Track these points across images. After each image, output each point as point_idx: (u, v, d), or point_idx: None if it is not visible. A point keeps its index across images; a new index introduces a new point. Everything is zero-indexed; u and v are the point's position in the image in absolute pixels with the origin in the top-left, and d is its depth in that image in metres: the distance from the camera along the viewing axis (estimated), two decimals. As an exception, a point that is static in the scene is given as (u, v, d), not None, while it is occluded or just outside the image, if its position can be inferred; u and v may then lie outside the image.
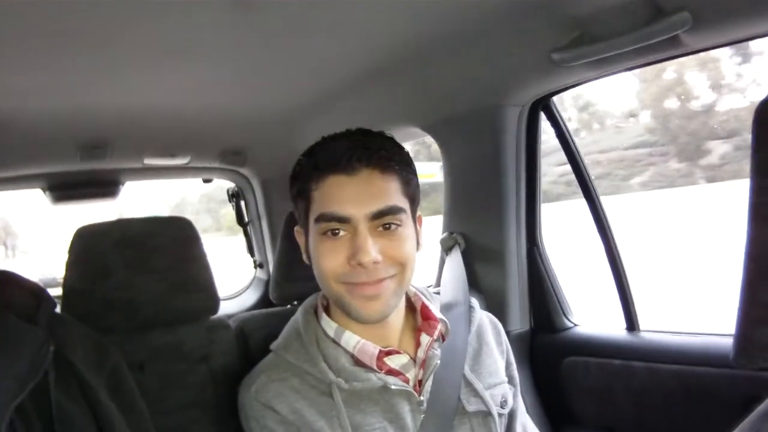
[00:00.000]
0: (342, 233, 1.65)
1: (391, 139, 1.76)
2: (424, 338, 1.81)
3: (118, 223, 2.16)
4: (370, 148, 1.68)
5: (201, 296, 2.16)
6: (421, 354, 1.79)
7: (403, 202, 1.69)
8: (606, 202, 2.47)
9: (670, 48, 1.85)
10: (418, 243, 1.76)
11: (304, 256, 1.83)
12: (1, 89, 2.32)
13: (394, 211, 1.65)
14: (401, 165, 1.71)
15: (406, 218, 1.69)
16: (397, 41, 2.23)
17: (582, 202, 2.52)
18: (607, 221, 2.46)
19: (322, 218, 1.66)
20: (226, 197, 4.38)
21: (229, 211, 4.37)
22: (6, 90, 2.34)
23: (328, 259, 1.67)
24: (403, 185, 1.71)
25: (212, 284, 2.19)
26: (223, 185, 4.30)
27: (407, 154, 1.76)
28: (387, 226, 1.65)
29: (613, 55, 1.92)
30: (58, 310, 1.78)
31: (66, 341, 1.55)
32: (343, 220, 1.63)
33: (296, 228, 1.87)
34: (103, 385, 1.60)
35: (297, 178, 1.77)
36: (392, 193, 1.67)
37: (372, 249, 1.60)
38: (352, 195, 1.64)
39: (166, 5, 1.79)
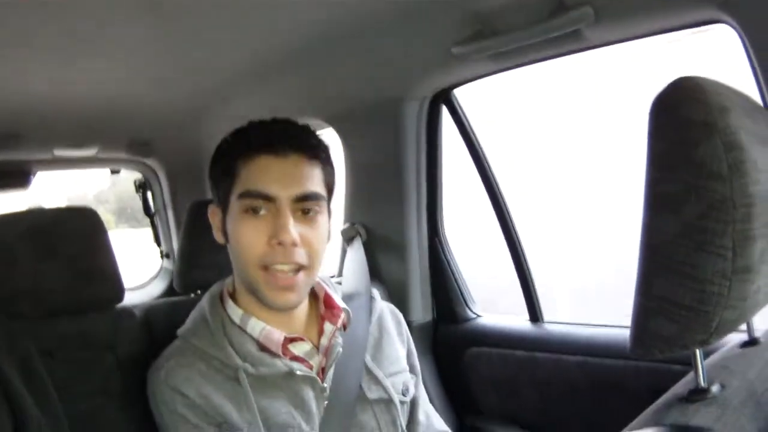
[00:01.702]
0: (263, 212, 1.67)
1: (316, 133, 1.80)
2: (328, 327, 1.83)
3: (27, 213, 2.15)
4: (301, 135, 1.74)
5: (106, 285, 2.12)
6: (324, 342, 1.81)
7: (324, 191, 1.75)
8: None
9: (573, 42, 1.88)
10: (329, 234, 1.79)
11: (218, 235, 1.83)
12: None
13: (315, 197, 1.70)
14: (325, 155, 1.78)
15: (324, 207, 1.75)
16: (299, 32, 2.23)
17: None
18: (509, 215, 2.48)
19: (246, 195, 1.68)
20: (108, 196, 4.38)
21: (106, 208, 4.37)
22: None
23: (249, 238, 1.69)
24: (325, 175, 1.77)
25: (117, 273, 2.15)
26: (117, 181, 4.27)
27: (329, 147, 1.81)
28: (307, 210, 1.69)
29: (515, 48, 1.94)
30: None
31: None
32: (267, 198, 1.66)
33: (211, 207, 1.86)
34: (15, 369, 1.61)
35: (224, 155, 1.78)
36: (315, 180, 1.72)
37: (293, 229, 1.63)
38: (280, 176, 1.68)
39: None
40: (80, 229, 2.12)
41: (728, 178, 0.89)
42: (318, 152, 1.75)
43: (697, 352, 1.01)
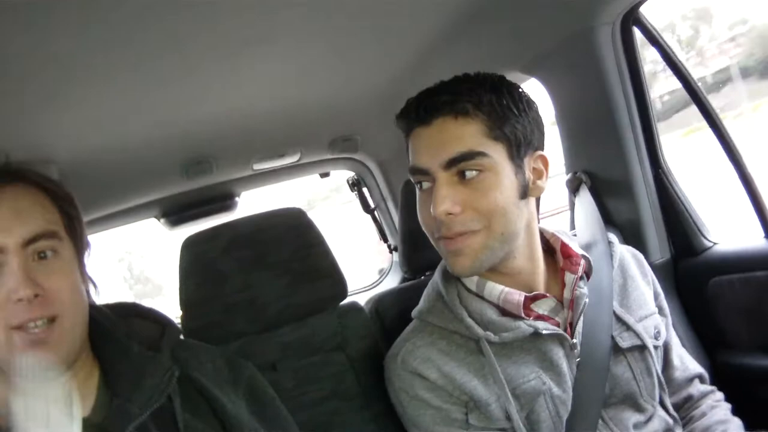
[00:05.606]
0: (426, 185, 1.64)
1: (484, 81, 1.65)
2: (569, 277, 1.75)
3: (225, 226, 2.12)
4: (440, 94, 1.62)
5: (326, 283, 2.11)
6: (567, 294, 1.75)
7: (488, 146, 1.59)
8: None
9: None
10: (527, 188, 1.66)
11: None
12: (104, 116, 2.35)
13: (469, 156, 1.57)
14: (482, 107, 1.60)
15: (492, 163, 1.59)
16: None
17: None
18: (728, 134, 2.30)
19: (410, 172, 1.67)
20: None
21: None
22: (109, 117, 2.36)
23: (421, 214, 1.68)
24: (488, 128, 1.59)
25: (336, 269, 2.13)
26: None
27: (507, 93, 1.64)
28: (464, 174, 1.58)
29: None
30: None
31: (193, 364, 1.61)
32: (423, 172, 1.62)
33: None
34: (242, 398, 1.64)
35: (404, 137, 1.77)
36: (467, 138, 1.58)
37: (444, 200, 1.55)
38: (427, 145, 1.63)
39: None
40: (288, 230, 2.10)
41: None
42: (464, 106, 1.59)
43: None
